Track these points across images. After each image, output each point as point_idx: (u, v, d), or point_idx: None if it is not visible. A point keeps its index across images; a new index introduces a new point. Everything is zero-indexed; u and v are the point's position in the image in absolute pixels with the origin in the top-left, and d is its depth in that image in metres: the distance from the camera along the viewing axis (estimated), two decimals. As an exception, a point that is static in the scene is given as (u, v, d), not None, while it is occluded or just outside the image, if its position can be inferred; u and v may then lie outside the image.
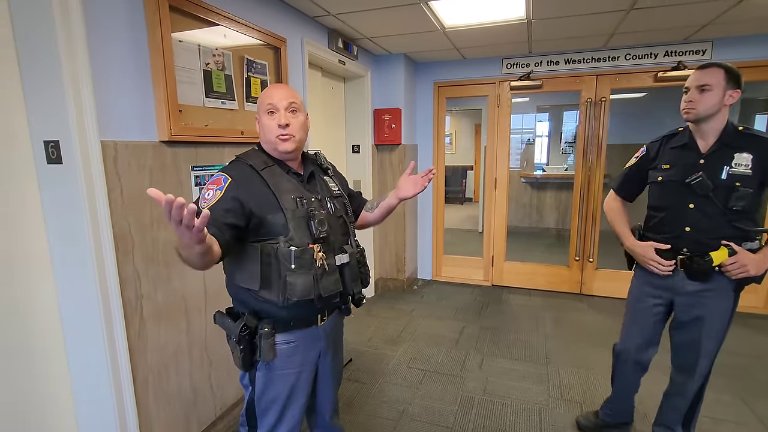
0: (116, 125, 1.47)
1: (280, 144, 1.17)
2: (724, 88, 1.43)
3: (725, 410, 2.15)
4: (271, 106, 1.17)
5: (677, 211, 1.53)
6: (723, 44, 3.19)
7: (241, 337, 1.13)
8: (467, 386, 2.41)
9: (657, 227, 1.62)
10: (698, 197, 1.48)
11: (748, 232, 1.45)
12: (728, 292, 1.52)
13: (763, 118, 5.20)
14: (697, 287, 1.53)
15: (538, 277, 4.02)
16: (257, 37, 2.14)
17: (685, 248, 1.52)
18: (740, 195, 1.41)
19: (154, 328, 1.63)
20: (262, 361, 1.16)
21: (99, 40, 1.40)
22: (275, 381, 1.20)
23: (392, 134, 3.71)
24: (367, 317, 3.43)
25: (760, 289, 3.37)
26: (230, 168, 1.17)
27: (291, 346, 1.20)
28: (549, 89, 3.73)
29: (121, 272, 1.48)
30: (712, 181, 1.45)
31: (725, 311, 1.53)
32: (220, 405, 1.99)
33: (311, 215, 1.15)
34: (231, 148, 1.99)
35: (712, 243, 1.47)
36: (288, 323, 1.18)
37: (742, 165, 1.43)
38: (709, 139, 1.51)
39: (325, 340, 1.28)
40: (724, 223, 1.46)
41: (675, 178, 1.53)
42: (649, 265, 1.59)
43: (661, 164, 1.59)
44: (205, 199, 1.08)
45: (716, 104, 1.45)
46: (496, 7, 2.55)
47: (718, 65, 1.45)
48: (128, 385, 1.52)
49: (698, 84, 1.46)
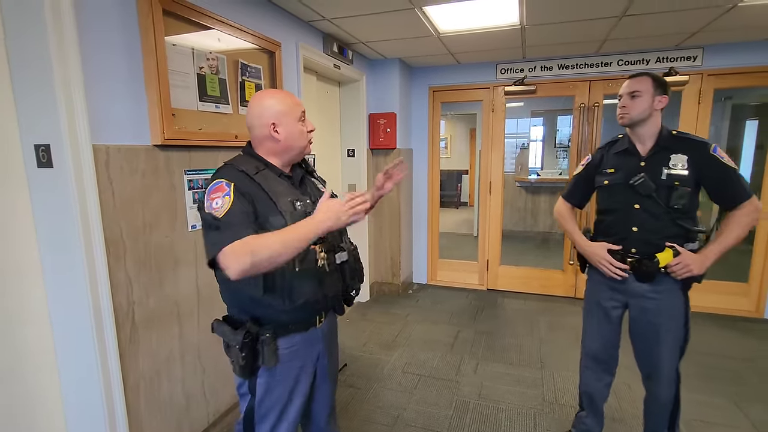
0: (108, 129, 1.46)
1: (309, 147, 1.26)
2: (653, 94, 1.55)
3: (717, 414, 2.16)
4: (303, 113, 1.22)
5: (624, 212, 1.62)
6: (713, 51, 3.23)
7: (244, 344, 1.12)
8: (462, 391, 2.40)
9: (606, 230, 1.69)
10: (642, 198, 1.56)
11: (690, 231, 1.54)
12: (677, 292, 1.58)
13: (753, 124, 5.27)
14: (647, 288, 1.59)
15: (532, 281, 4.03)
16: (251, 41, 2.14)
17: (633, 249, 1.59)
18: (680, 194, 1.51)
19: (145, 334, 1.61)
20: (266, 366, 1.15)
21: (91, 44, 1.39)
22: (276, 386, 1.20)
23: (387, 139, 3.71)
24: (362, 322, 3.41)
25: (752, 293, 3.40)
26: (225, 173, 1.13)
27: (292, 351, 1.20)
28: (543, 94, 3.76)
29: (112, 277, 1.46)
30: (653, 181, 1.54)
31: (678, 311, 1.58)
32: (213, 411, 1.96)
33: (308, 216, 1.14)
34: (225, 152, 1.98)
35: (658, 242, 1.55)
36: (287, 327, 1.18)
37: (678, 166, 1.53)
38: (647, 143, 1.61)
39: (323, 342, 1.29)
40: (668, 221, 1.54)
41: (620, 180, 1.62)
42: (601, 265, 1.65)
43: (606, 169, 1.69)
44: (216, 209, 1.03)
45: (647, 109, 1.56)
46: (491, 13, 2.57)
47: (647, 74, 1.58)
48: (119, 392, 1.50)
49: (629, 91, 1.57)
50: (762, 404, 2.24)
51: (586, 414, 1.92)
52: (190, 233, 1.78)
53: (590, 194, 1.83)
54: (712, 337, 3.05)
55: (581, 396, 1.93)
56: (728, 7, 2.43)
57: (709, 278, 3.86)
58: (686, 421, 2.10)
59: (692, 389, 2.38)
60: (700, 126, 3.36)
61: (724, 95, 4.88)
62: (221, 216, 1.02)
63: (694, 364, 2.65)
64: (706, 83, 3.31)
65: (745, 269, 3.47)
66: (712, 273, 4.18)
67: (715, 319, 3.38)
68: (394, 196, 3.87)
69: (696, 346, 2.90)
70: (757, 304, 3.40)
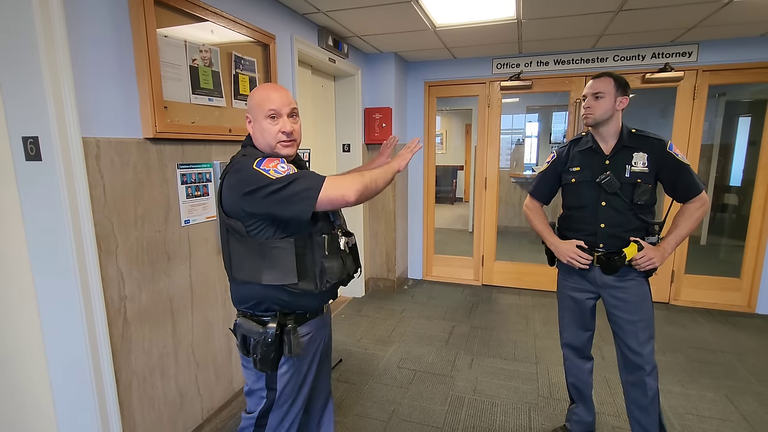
0: (99, 121, 1.43)
1: (282, 149, 1.18)
2: (615, 94, 1.61)
3: (710, 407, 2.18)
4: (273, 111, 1.16)
5: (591, 209, 1.68)
6: (709, 46, 3.24)
7: (275, 337, 1.15)
8: (457, 386, 2.40)
9: (574, 225, 1.75)
10: (608, 195, 1.63)
11: (651, 224, 1.63)
12: (642, 281, 1.66)
13: (746, 120, 5.30)
14: (613, 279, 1.67)
15: (527, 277, 4.05)
16: (246, 33, 2.10)
17: (601, 244, 1.66)
18: (643, 190, 1.59)
19: (138, 330, 1.59)
20: (293, 356, 1.17)
21: (81, 35, 1.36)
22: (295, 374, 1.24)
23: (383, 133, 3.69)
24: (357, 317, 3.41)
25: (744, 288, 3.44)
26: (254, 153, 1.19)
27: (309, 337, 1.25)
28: (539, 89, 3.75)
29: (103, 273, 1.44)
30: (618, 179, 1.61)
31: (645, 295, 1.66)
32: (207, 408, 1.95)
33: None
34: (218, 146, 1.95)
35: (623, 236, 1.63)
36: (304, 315, 1.23)
37: (639, 163, 1.61)
38: (609, 142, 1.67)
39: (328, 327, 1.37)
40: (631, 216, 1.62)
41: (587, 178, 1.68)
42: (570, 260, 1.70)
43: (571, 167, 1.75)
44: (281, 172, 1.08)
45: (609, 109, 1.61)
46: (487, 7, 2.55)
47: (609, 74, 1.63)
48: (111, 389, 1.48)
49: (593, 92, 1.62)
50: (752, 397, 2.27)
51: (577, 405, 1.94)
52: (183, 228, 1.76)
53: (555, 191, 1.87)
54: (705, 332, 3.08)
55: (569, 389, 1.96)
56: (724, 2, 2.42)
57: (700, 273, 3.89)
58: (679, 414, 2.12)
59: (685, 383, 2.40)
60: (695, 122, 3.37)
61: (717, 92, 4.89)
62: (295, 173, 1.09)
63: (687, 359, 2.68)
64: (701, 79, 3.32)
65: (738, 265, 3.51)
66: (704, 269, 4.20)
67: (708, 314, 3.41)
68: (389, 192, 3.86)
69: (689, 341, 2.93)
70: (749, 299, 3.43)
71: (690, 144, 3.40)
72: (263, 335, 1.14)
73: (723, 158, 5.28)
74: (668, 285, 3.61)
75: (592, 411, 1.95)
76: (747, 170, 4.79)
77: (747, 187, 3.61)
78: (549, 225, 1.86)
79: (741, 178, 4.98)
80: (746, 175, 4.84)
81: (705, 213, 1.61)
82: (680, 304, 3.59)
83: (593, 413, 1.95)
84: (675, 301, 3.61)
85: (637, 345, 1.64)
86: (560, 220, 1.85)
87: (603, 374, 2.48)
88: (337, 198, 1.07)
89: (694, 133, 3.39)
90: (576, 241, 1.71)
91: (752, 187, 3.37)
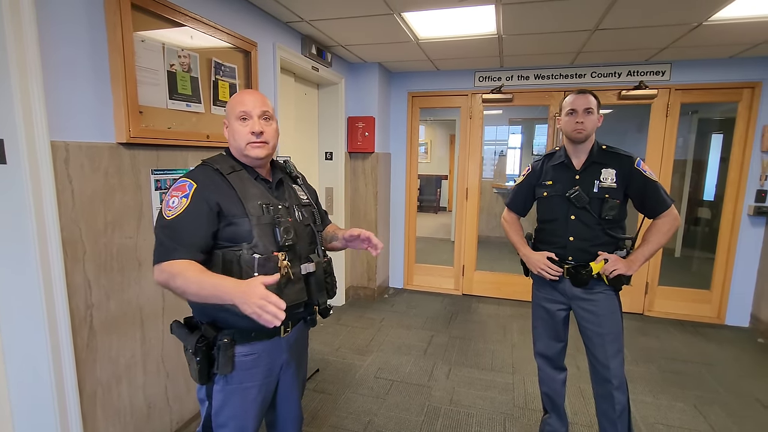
0: (70, 125, 1.40)
1: (252, 150, 1.15)
2: (598, 111, 1.66)
3: (679, 417, 2.23)
4: (243, 113, 1.15)
5: (562, 222, 1.71)
6: (681, 66, 3.36)
7: (197, 349, 1.09)
8: (434, 396, 2.40)
9: (546, 238, 1.79)
10: (577, 209, 1.67)
11: (618, 239, 1.67)
12: (611, 294, 1.70)
13: (718, 137, 5.50)
14: (582, 291, 1.71)
15: (507, 287, 4.09)
16: (226, 40, 2.10)
17: (570, 257, 1.70)
18: (611, 205, 1.63)
19: (105, 339, 1.55)
20: (220, 374, 1.11)
21: (53, 35, 1.34)
22: (234, 395, 1.15)
23: (365, 142, 3.71)
24: (336, 326, 3.38)
25: (713, 300, 3.54)
26: (195, 173, 1.14)
27: (252, 359, 1.15)
28: (519, 103, 3.83)
29: (69, 280, 1.40)
30: (587, 194, 1.65)
31: (614, 309, 1.70)
32: (176, 419, 1.90)
33: (277, 222, 1.13)
34: (196, 152, 1.93)
35: (591, 250, 1.67)
36: (249, 334, 1.14)
37: (608, 179, 1.65)
38: (581, 157, 1.71)
39: (288, 352, 1.24)
40: (599, 231, 1.66)
41: (558, 192, 1.72)
42: (540, 271, 1.73)
43: (545, 181, 1.78)
44: (170, 207, 1.06)
45: (596, 124, 1.66)
46: (469, 22, 2.60)
47: (590, 92, 1.67)
48: (74, 399, 1.43)
49: (585, 107, 1.64)
50: (720, 407, 2.32)
51: (550, 416, 1.95)
52: (156, 234, 1.73)
53: (531, 203, 1.90)
54: (676, 343, 3.15)
55: (542, 398, 1.98)
56: (693, 26, 2.53)
57: (673, 285, 3.97)
58: (650, 424, 2.16)
59: (656, 393, 2.45)
60: (668, 138, 3.48)
61: (690, 109, 5.08)
62: (171, 217, 1.05)
63: (660, 369, 2.73)
64: (673, 97, 3.44)
65: (710, 277, 3.61)
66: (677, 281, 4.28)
67: (680, 325, 3.50)
68: (370, 200, 3.87)
69: (662, 351, 2.99)
70: (719, 311, 3.53)
71: (663, 159, 3.51)
72: (188, 344, 1.11)
73: (697, 173, 5.46)
74: (642, 296, 3.69)
75: (565, 422, 1.97)
76: (719, 185, 4.96)
77: (719, 201, 3.75)
78: (524, 237, 1.89)
79: (714, 193, 5.15)
80: (718, 190, 5.00)
81: (675, 228, 1.64)
82: (654, 315, 3.67)
83: (566, 424, 1.97)
84: (649, 312, 3.69)
85: (605, 358, 1.67)
86: (535, 232, 1.88)
87: (578, 385, 2.51)
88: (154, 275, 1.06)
89: (667, 149, 3.50)
90: (547, 252, 1.74)
91: (722, 201, 3.49)
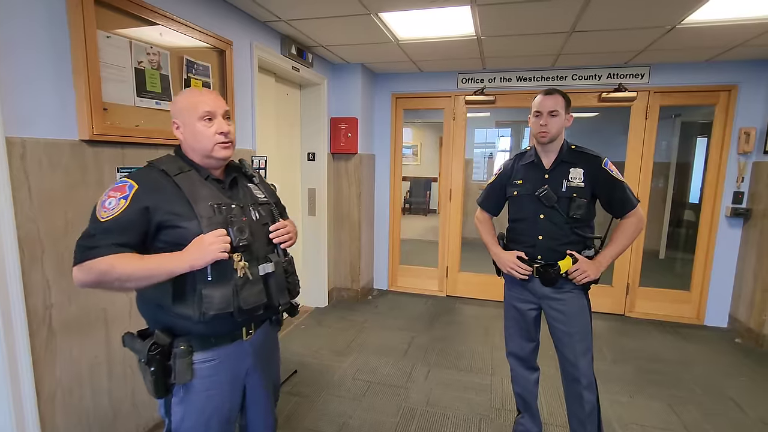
0: (28, 121, 1.38)
1: (221, 151, 1.13)
2: (564, 112, 1.66)
3: (653, 417, 2.23)
4: (208, 113, 1.11)
5: (531, 221, 1.72)
6: (659, 69, 3.40)
7: (151, 357, 1.02)
8: (411, 398, 2.38)
9: (516, 237, 1.80)
10: (546, 208, 1.67)
11: (586, 238, 1.68)
12: (580, 293, 1.71)
13: (703, 141, 5.57)
14: (551, 290, 1.71)
15: (490, 288, 4.08)
16: (199, 38, 2.08)
17: (539, 256, 1.70)
18: (578, 204, 1.63)
19: (65, 341, 1.51)
20: (178, 383, 1.06)
21: (10, 30, 1.31)
22: (196, 404, 1.11)
23: (348, 143, 3.69)
24: (317, 328, 3.35)
25: (693, 300, 3.57)
26: (138, 174, 1.08)
27: (212, 365, 1.11)
28: (502, 105, 3.85)
29: (26, 279, 1.37)
30: (555, 193, 1.65)
31: (583, 308, 1.70)
32: (143, 424, 1.87)
33: (230, 222, 1.09)
34: (165, 150, 1.89)
35: (560, 249, 1.67)
36: (208, 339, 1.10)
37: (576, 179, 1.66)
38: (551, 157, 1.72)
39: (252, 356, 1.20)
40: (568, 230, 1.67)
41: (528, 191, 1.73)
42: (509, 269, 1.74)
43: (515, 180, 1.80)
44: (106, 208, 1.00)
45: (561, 126, 1.67)
46: (447, 23, 2.61)
47: (558, 91, 1.66)
48: (31, 402, 1.40)
49: (549, 110, 1.64)
50: (694, 407, 2.33)
51: (523, 416, 1.95)
52: (122, 234, 1.70)
53: (503, 202, 1.91)
54: (655, 343, 3.17)
55: (516, 398, 1.98)
56: (668, 29, 2.56)
57: (657, 286, 3.98)
58: (624, 424, 2.16)
59: (633, 393, 2.45)
60: (647, 140, 3.51)
61: (672, 112, 5.14)
62: (106, 219, 0.99)
63: (637, 369, 2.74)
64: (652, 100, 3.48)
65: (688, 278, 3.64)
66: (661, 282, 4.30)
67: (660, 325, 3.52)
68: (354, 201, 3.85)
69: (640, 352, 3.01)
70: (698, 312, 3.56)
71: (643, 161, 3.54)
72: (141, 353, 1.03)
73: (681, 176, 5.52)
74: (623, 297, 3.71)
75: (539, 422, 1.96)
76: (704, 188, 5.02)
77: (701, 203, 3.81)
78: (496, 236, 1.89)
79: (699, 195, 5.21)
80: (703, 192, 5.06)
81: (640, 229, 1.65)
82: (635, 316, 3.69)
83: (539, 424, 1.97)
84: (630, 313, 3.71)
85: (574, 357, 1.67)
86: (506, 232, 1.88)
87: (555, 385, 2.51)
88: (73, 274, 1.00)
89: (647, 151, 3.53)
90: (517, 252, 1.74)
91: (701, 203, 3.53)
